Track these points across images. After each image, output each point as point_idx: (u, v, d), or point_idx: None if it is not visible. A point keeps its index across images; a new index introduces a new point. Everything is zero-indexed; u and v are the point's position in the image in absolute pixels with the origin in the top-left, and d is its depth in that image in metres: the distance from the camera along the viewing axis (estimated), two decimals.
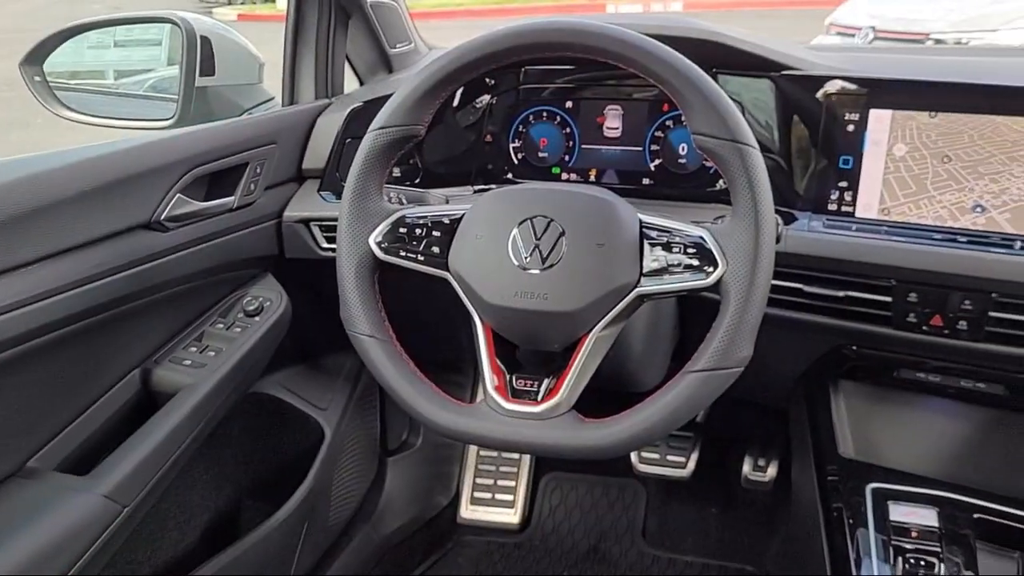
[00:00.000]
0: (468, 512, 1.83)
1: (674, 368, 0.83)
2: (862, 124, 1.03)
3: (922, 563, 0.95)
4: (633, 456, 1.66)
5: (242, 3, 12.57)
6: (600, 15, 1.43)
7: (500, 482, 1.84)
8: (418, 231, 0.90)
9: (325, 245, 1.27)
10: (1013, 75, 1.16)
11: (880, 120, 1.02)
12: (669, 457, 1.64)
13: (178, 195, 1.08)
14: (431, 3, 10.80)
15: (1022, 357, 1.00)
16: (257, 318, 1.21)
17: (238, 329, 1.20)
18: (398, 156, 0.93)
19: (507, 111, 1.24)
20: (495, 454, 1.86)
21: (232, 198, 1.18)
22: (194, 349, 1.15)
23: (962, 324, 1.00)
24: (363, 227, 0.91)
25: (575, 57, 0.86)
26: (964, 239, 0.99)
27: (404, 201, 1.02)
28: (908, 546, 0.98)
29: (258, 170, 1.22)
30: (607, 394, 0.93)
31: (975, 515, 1.01)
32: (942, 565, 0.94)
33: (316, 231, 1.27)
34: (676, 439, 1.64)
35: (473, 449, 1.87)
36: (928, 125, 1.00)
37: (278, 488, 1.40)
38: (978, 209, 0.99)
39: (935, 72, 1.19)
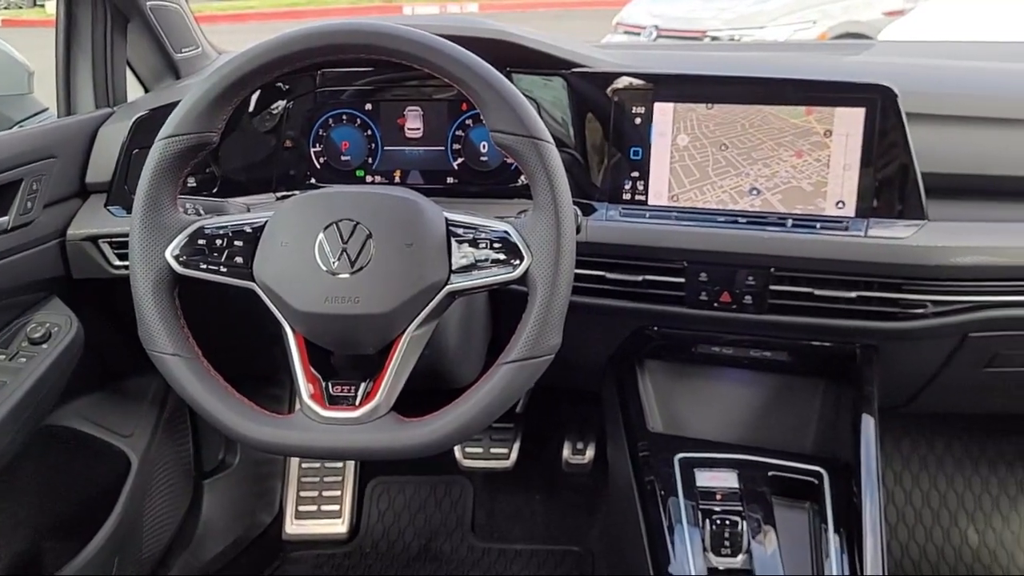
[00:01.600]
0: (293, 527, 1.78)
1: (490, 362, 0.85)
2: (648, 117, 1.10)
3: (727, 522, 1.02)
4: (457, 452, 1.69)
5: (6, 7, 11.50)
6: (397, 16, 1.43)
7: (325, 493, 1.80)
8: (219, 242, 0.87)
9: (117, 263, 1.20)
10: (778, 68, 1.27)
11: (664, 113, 1.09)
12: (492, 450, 1.67)
13: None
14: (218, 6, 10.35)
15: (800, 325, 1.10)
16: (44, 345, 1.13)
17: (23, 359, 1.11)
18: (191, 165, 0.89)
19: (306, 115, 1.22)
20: (318, 465, 1.82)
21: (6, 218, 1.09)
22: None
23: (748, 299, 1.09)
24: (158, 241, 0.86)
25: (372, 59, 0.86)
26: (744, 220, 1.08)
27: (202, 212, 0.98)
28: (716, 508, 1.05)
29: (35, 186, 1.13)
30: (426, 393, 0.94)
31: (770, 473, 1.10)
32: (744, 523, 1.02)
33: (106, 248, 1.20)
34: (498, 431, 1.68)
35: (295, 462, 1.83)
36: (706, 116, 1.08)
37: (82, 525, 1.31)
38: (754, 192, 1.08)
39: (711, 67, 1.29)
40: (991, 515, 1.75)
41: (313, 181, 1.22)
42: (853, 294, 1.06)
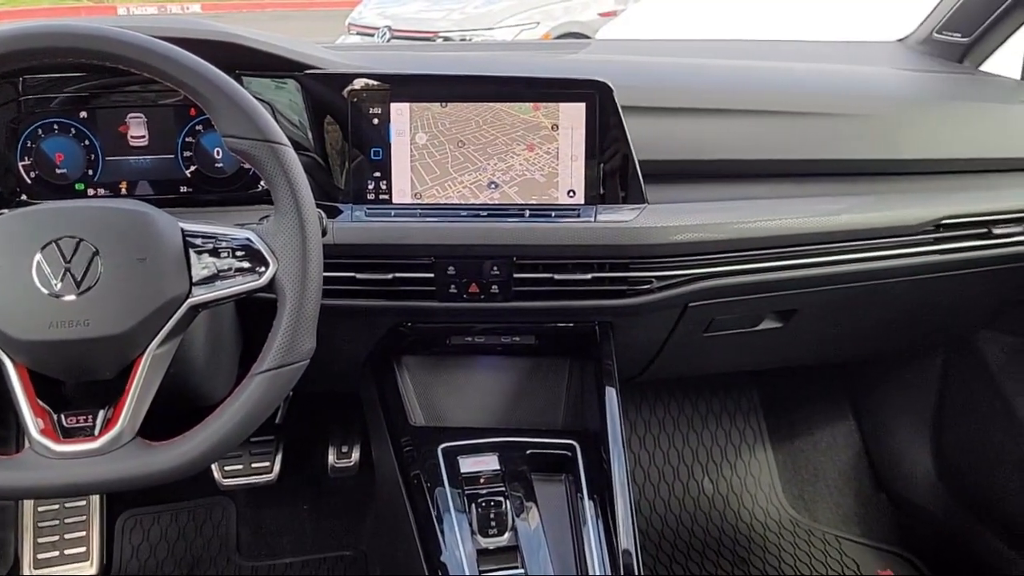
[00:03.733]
0: None
1: (242, 374, 0.83)
2: (386, 117, 1.11)
3: (492, 503, 1.07)
4: (215, 472, 1.61)
5: None
6: (110, 18, 1.33)
7: (67, 535, 1.64)
8: None
9: None
10: (507, 67, 1.33)
11: (401, 112, 1.11)
12: (253, 464, 1.61)
13: None
14: None
15: (544, 309, 1.16)
16: None
17: None
18: None
19: (9, 126, 1.10)
20: (56, 505, 1.66)
21: None
22: None
23: (494, 288, 1.13)
24: None
25: (84, 64, 0.80)
26: (486, 213, 1.12)
27: None
28: (481, 492, 1.09)
29: None
30: (177, 413, 0.89)
31: (528, 452, 1.15)
32: (508, 502, 1.07)
33: None
34: (257, 445, 1.62)
35: (28, 505, 1.65)
36: (441, 114, 1.11)
37: None
38: (493, 185, 1.13)
39: (444, 67, 1.33)
40: (721, 464, 1.96)
41: (24, 198, 1.11)
42: (588, 276, 1.14)
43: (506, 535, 1.05)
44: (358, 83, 1.11)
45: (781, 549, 1.84)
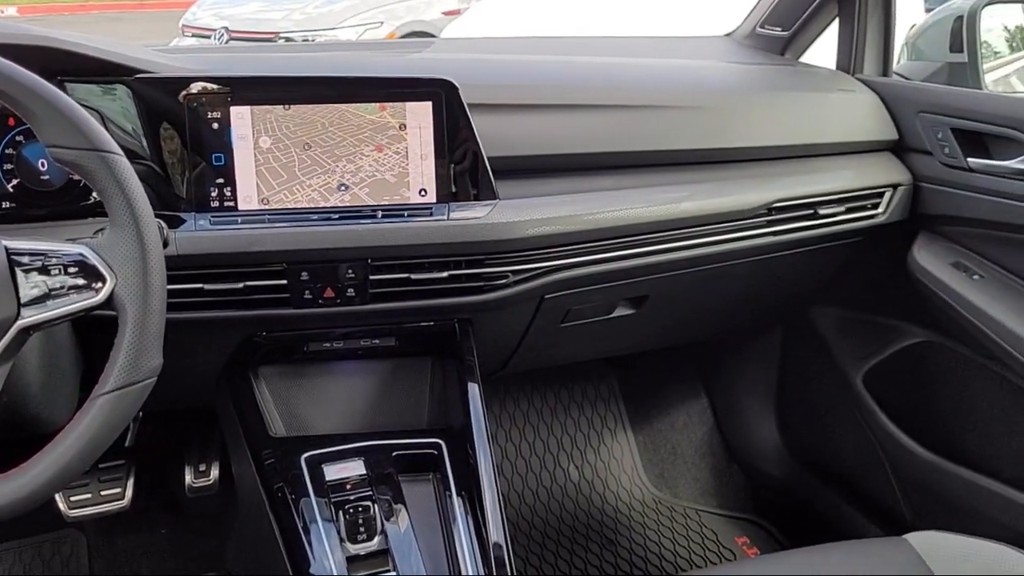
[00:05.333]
0: None
1: (84, 397, 0.78)
2: (226, 121, 1.07)
3: (360, 509, 1.05)
4: (60, 503, 1.50)
5: None
6: None
7: None
8: None
9: None
10: (351, 67, 1.31)
11: (241, 116, 1.07)
12: (103, 492, 1.52)
13: None
14: None
15: (402, 310, 1.16)
16: None
17: None
18: None
19: None
20: None
21: None
22: None
23: (351, 291, 1.12)
24: None
25: None
26: (337, 216, 1.11)
27: None
28: (348, 498, 1.08)
29: None
30: (13, 444, 0.83)
31: (394, 453, 1.14)
32: (375, 506, 1.06)
33: None
34: (106, 471, 1.53)
35: None
36: (285, 117, 1.09)
37: None
38: (343, 188, 1.11)
39: (287, 68, 1.30)
40: (585, 451, 2.01)
41: None
42: (445, 274, 1.14)
43: (376, 539, 1.04)
44: (195, 87, 1.07)
45: (645, 527, 1.91)
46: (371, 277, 1.12)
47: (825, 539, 1.11)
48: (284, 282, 1.09)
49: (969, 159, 1.35)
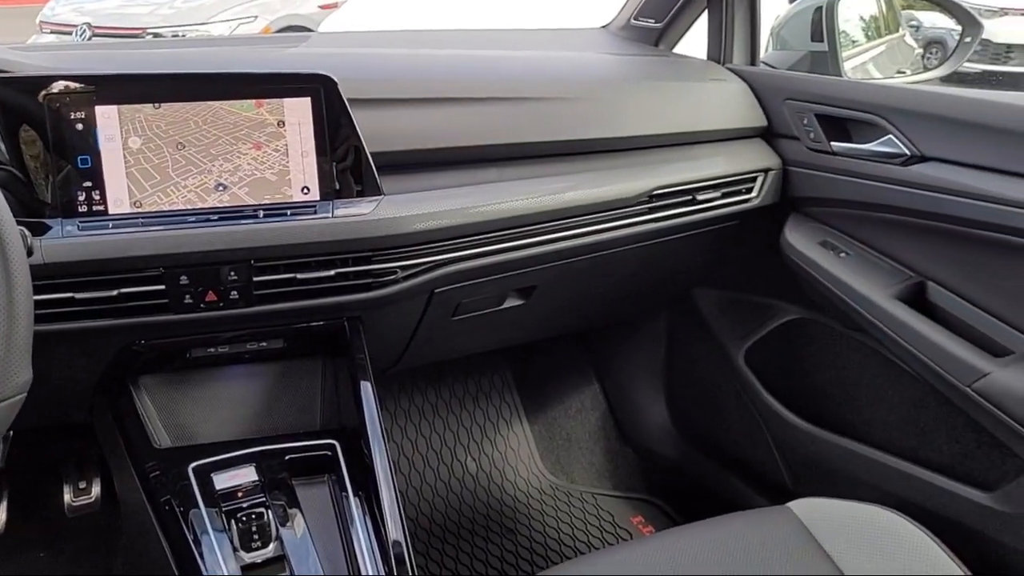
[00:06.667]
0: None
1: None
2: (91, 122, 1.02)
3: (253, 516, 1.03)
4: None
5: None
6: None
7: None
8: None
9: None
10: (225, 63, 1.27)
11: (108, 116, 1.03)
12: None
13: None
14: None
15: (290, 311, 1.13)
16: None
17: None
18: None
19: None
20: None
21: None
22: None
23: (234, 294, 1.09)
24: None
25: None
26: (216, 216, 1.07)
27: None
28: (242, 506, 1.05)
29: None
30: None
31: (287, 457, 1.12)
32: (269, 512, 1.03)
33: None
34: None
35: None
36: (155, 116, 1.04)
37: None
38: (221, 187, 1.08)
39: (156, 65, 1.25)
40: (482, 443, 2.02)
41: None
42: (332, 272, 1.12)
43: (271, 546, 1.02)
44: (56, 86, 1.01)
45: (544, 514, 1.94)
46: (255, 278, 1.09)
47: (715, 513, 1.15)
48: (162, 287, 1.05)
49: (833, 143, 1.42)
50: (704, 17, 1.69)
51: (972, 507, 1.26)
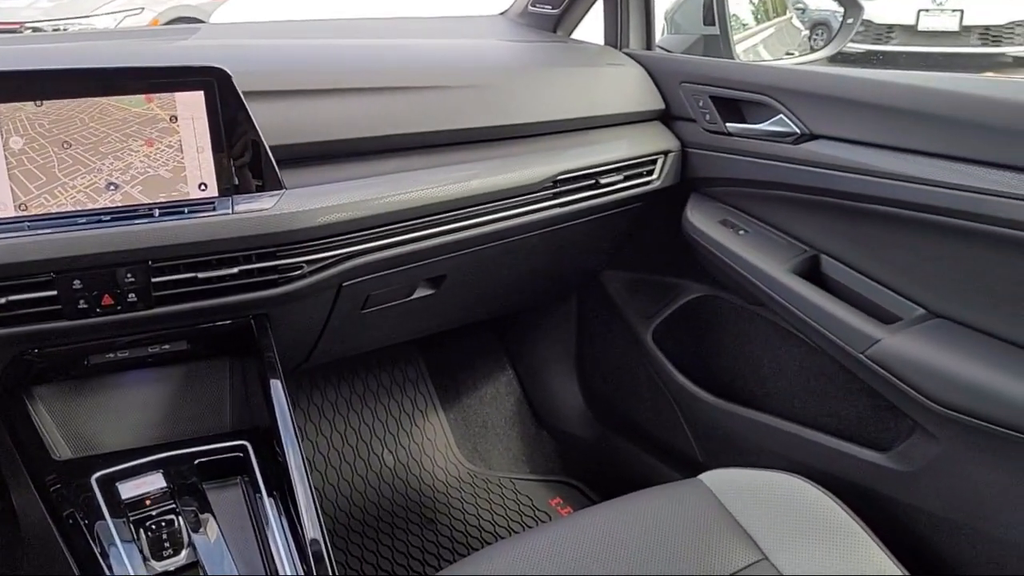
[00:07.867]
0: None
1: None
2: None
3: (163, 524, 1.00)
4: None
5: None
6: None
7: None
8: None
9: None
10: (112, 57, 1.22)
11: None
12: None
13: None
14: None
15: (192, 311, 1.10)
16: None
17: None
18: None
19: None
20: None
21: None
22: None
23: (132, 297, 1.05)
24: None
25: None
26: (109, 217, 1.03)
27: None
28: (151, 514, 1.02)
29: None
30: None
31: (196, 461, 1.10)
32: (180, 518, 1.01)
33: None
34: None
35: None
36: (38, 114, 1.00)
37: None
38: (112, 187, 1.04)
39: (36, 60, 1.19)
40: (398, 435, 2.02)
41: None
42: (235, 269, 1.10)
43: (183, 553, 0.99)
44: None
45: (464, 502, 1.94)
46: (154, 280, 1.05)
47: (630, 490, 1.18)
48: (54, 293, 1.01)
49: (728, 124, 1.46)
50: (600, 3, 1.71)
51: (869, 467, 1.33)
